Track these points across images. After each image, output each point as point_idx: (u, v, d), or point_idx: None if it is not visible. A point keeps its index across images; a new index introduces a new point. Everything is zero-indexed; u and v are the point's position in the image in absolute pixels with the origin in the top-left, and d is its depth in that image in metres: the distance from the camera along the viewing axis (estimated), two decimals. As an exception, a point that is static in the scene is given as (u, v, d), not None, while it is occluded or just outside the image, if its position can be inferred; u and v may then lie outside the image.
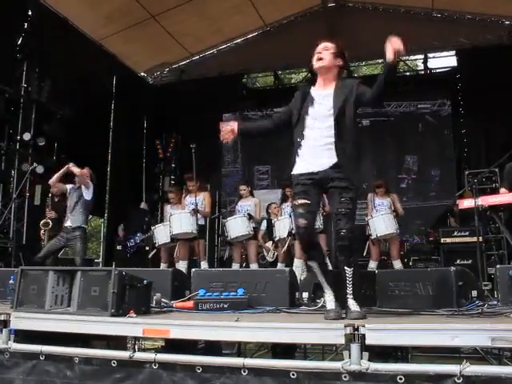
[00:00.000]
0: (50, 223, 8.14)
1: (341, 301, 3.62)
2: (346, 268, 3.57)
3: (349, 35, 11.83)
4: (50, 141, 9.97)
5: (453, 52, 12.27)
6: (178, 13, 11.19)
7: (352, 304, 3.46)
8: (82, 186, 7.45)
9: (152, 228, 9.05)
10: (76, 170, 7.42)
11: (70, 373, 3.24)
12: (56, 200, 8.42)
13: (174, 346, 3.41)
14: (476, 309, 3.67)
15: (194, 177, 7.93)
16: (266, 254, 9.19)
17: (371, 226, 7.94)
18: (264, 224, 8.84)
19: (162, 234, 8.56)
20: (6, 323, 3.51)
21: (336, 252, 3.73)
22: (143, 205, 11.00)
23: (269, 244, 9.03)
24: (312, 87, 3.92)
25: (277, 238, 7.84)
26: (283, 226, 7.52)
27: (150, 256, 9.76)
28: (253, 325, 3.12)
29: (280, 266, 7.85)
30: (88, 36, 11.15)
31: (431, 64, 12.81)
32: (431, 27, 11.55)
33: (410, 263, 9.77)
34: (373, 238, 7.98)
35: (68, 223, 7.32)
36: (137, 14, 10.86)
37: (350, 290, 3.54)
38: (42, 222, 8.18)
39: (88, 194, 7.47)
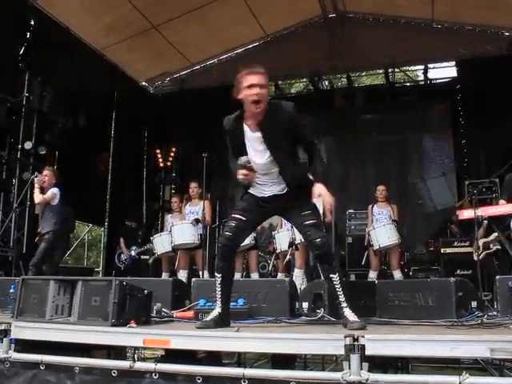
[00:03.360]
0: None
1: (335, 311, 3.63)
2: (331, 276, 3.54)
3: (349, 46, 11.92)
4: (51, 150, 10.00)
5: (453, 63, 12.32)
6: (180, 23, 11.25)
7: (349, 314, 3.44)
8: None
9: (151, 238, 9.07)
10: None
11: (71, 382, 3.23)
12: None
13: (174, 355, 3.41)
14: (476, 319, 3.67)
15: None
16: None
17: (373, 237, 7.93)
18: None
19: (160, 243, 8.58)
20: (6, 332, 3.51)
21: (317, 262, 3.70)
22: (130, 223, 10.99)
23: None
24: (244, 124, 3.69)
25: (278, 250, 7.85)
26: (284, 239, 7.51)
27: (150, 261, 9.72)
28: (253, 335, 3.13)
29: (280, 276, 7.85)
30: (89, 45, 11.20)
31: (431, 74, 12.88)
32: (431, 38, 11.60)
33: (410, 273, 9.76)
34: (375, 248, 7.97)
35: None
36: (138, 23, 10.92)
37: (342, 298, 3.51)
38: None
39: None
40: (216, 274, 3.71)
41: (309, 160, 3.76)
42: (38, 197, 7.41)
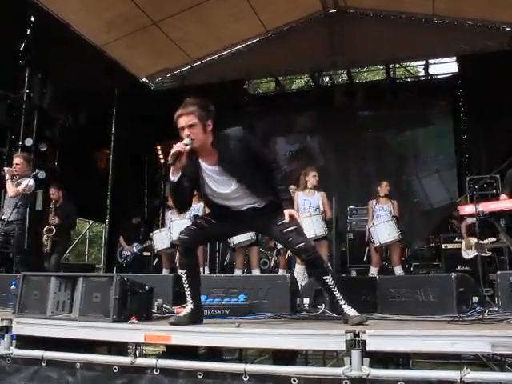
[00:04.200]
0: (54, 230, 8.17)
1: (336, 307, 3.63)
2: (324, 278, 3.55)
3: (350, 41, 11.91)
4: (51, 146, 10.00)
5: (454, 58, 12.29)
6: (180, 19, 11.22)
7: (349, 310, 3.46)
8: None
9: (151, 234, 9.06)
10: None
11: (72, 378, 3.24)
12: (58, 205, 8.46)
13: (175, 351, 3.41)
14: (477, 315, 3.68)
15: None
16: None
17: (373, 234, 7.93)
18: None
19: (159, 240, 8.59)
20: (7, 329, 3.52)
21: (307, 267, 3.66)
22: (135, 220, 11.00)
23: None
24: (199, 158, 3.63)
25: (279, 246, 7.85)
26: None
27: (154, 263, 9.76)
28: (254, 331, 3.13)
29: (282, 272, 7.86)
30: (90, 42, 11.16)
31: (432, 70, 12.81)
32: (432, 33, 11.57)
33: (411, 269, 9.77)
34: (376, 245, 7.98)
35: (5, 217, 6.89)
36: (139, 20, 10.89)
37: (339, 297, 3.53)
38: (45, 229, 8.20)
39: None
40: (180, 270, 3.68)
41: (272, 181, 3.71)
42: (10, 189, 6.86)
